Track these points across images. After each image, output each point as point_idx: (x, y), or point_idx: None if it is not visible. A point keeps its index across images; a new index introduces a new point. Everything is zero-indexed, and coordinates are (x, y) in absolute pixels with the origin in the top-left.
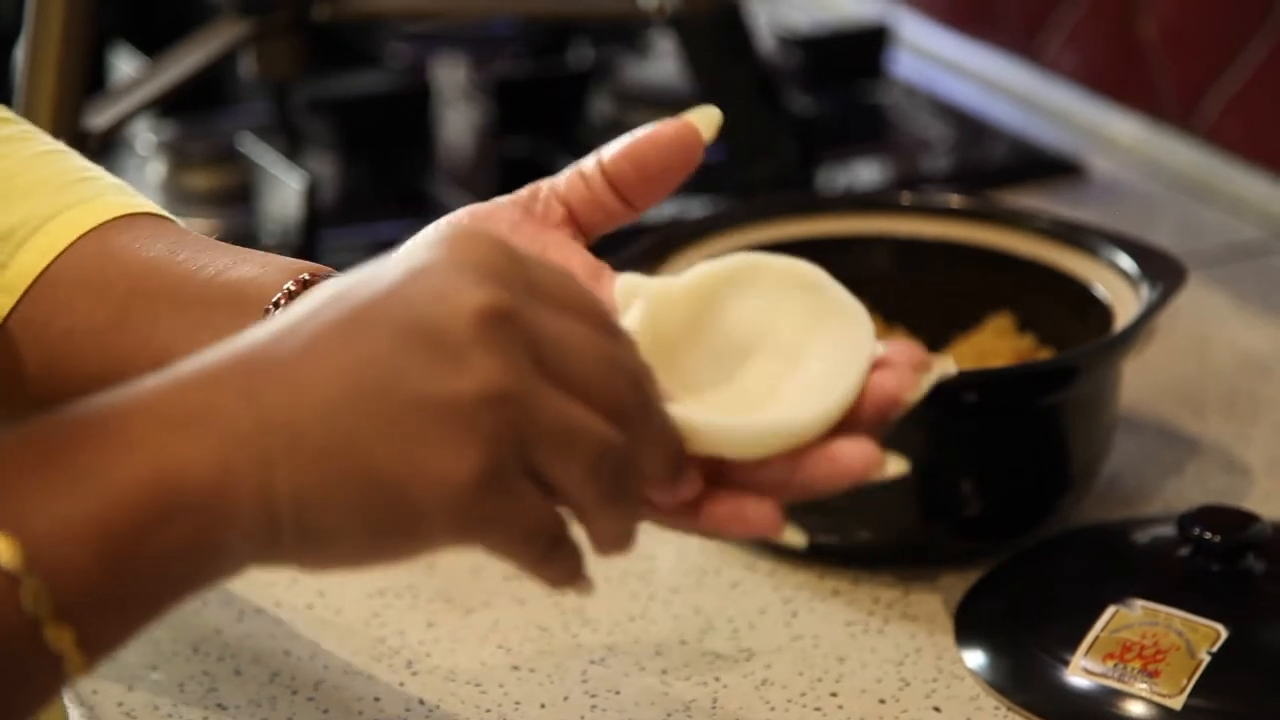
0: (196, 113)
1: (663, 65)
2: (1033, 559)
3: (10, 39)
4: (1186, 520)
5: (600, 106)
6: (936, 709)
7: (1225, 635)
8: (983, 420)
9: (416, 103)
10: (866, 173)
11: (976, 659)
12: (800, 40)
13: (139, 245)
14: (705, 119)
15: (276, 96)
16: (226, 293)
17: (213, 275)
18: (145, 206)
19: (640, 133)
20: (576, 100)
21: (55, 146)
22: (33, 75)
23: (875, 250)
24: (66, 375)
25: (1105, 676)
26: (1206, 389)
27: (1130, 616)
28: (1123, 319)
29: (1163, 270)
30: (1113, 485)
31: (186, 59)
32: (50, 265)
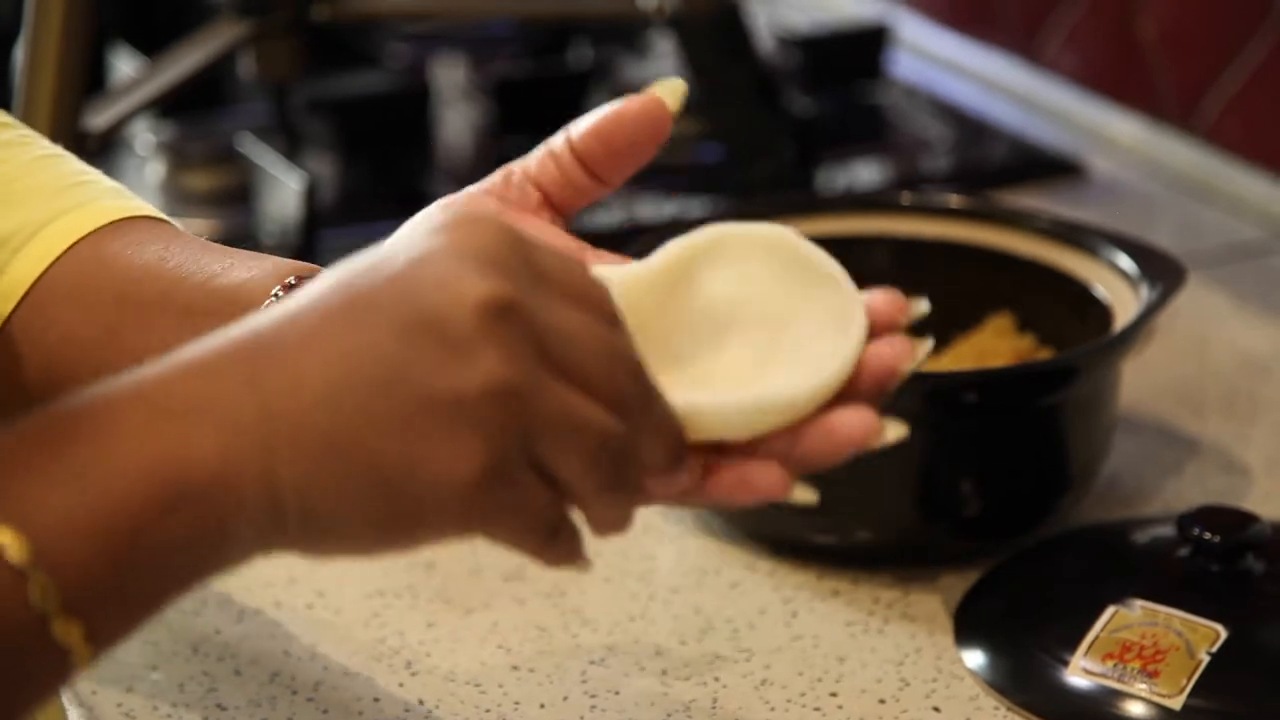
0: (196, 113)
1: (662, 66)
2: (1032, 559)
3: (10, 39)
4: (1186, 520)
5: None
6: (936, 709)
7: (1225, 635)
8: (982, 420)
9: (416, 103)
10: (866, 173)
11: (976, 659)
12: (800, 40)
13: (131, 253)
14: (670, 90)
15: (276, 97)
16: (216, 301)
17: (203, 282)
18: (141, 210)
19: (607, 110)
20: (575, 100)
21: (53, 150)
22: (32, 75)
23: (875, 250)
24: (64, 383)
25: (1105, 677)
26: (1206, 389)
27: (1130, 617)
28: (1122, 319)
29: (1162, 270)
30: (1112, 485)
31: (186, 59)
32: (44, 273)
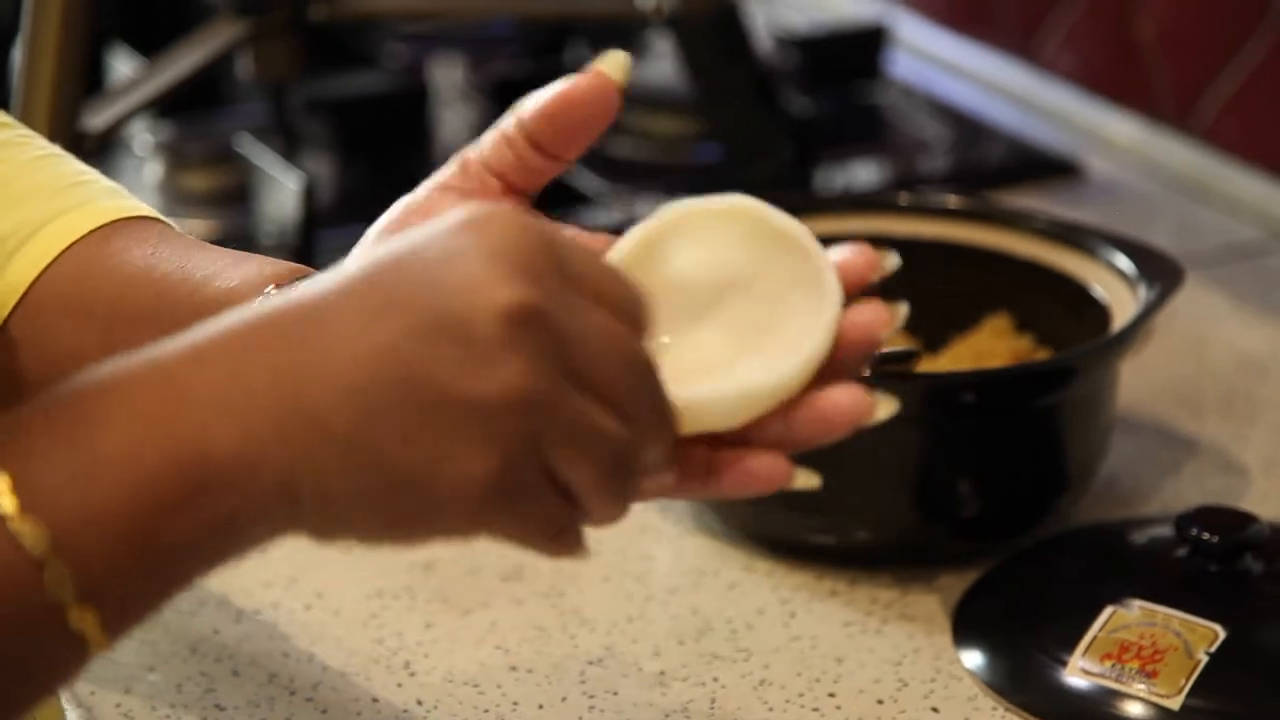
0: (194, 113)
1: (660, 66)
2: (1030, 559)
3: (8, 39)
4: (1184, 521)
5: None
6: (934, 709)
7: (1223, 635)
8: (980, 421)
9: (414, 103)
10: (864, 173)
11: (974, 659)
12: (798, 40)
13: (126, 256)
14: (614, 64)
15: (274, 97)
16: (207, 310)
17: (194, 289)
18: (137, 210)
19: (554, 91)
20: None
21: (51, 150)
22: (30, 75)
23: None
24: None
25: (1103, 677)
26: (1204, 389)
27: (1128, 617)
28: (1120, 319)
29: (1160, 270)
30: (1110, 486)
31: (184, 59)
32: (40, 277)
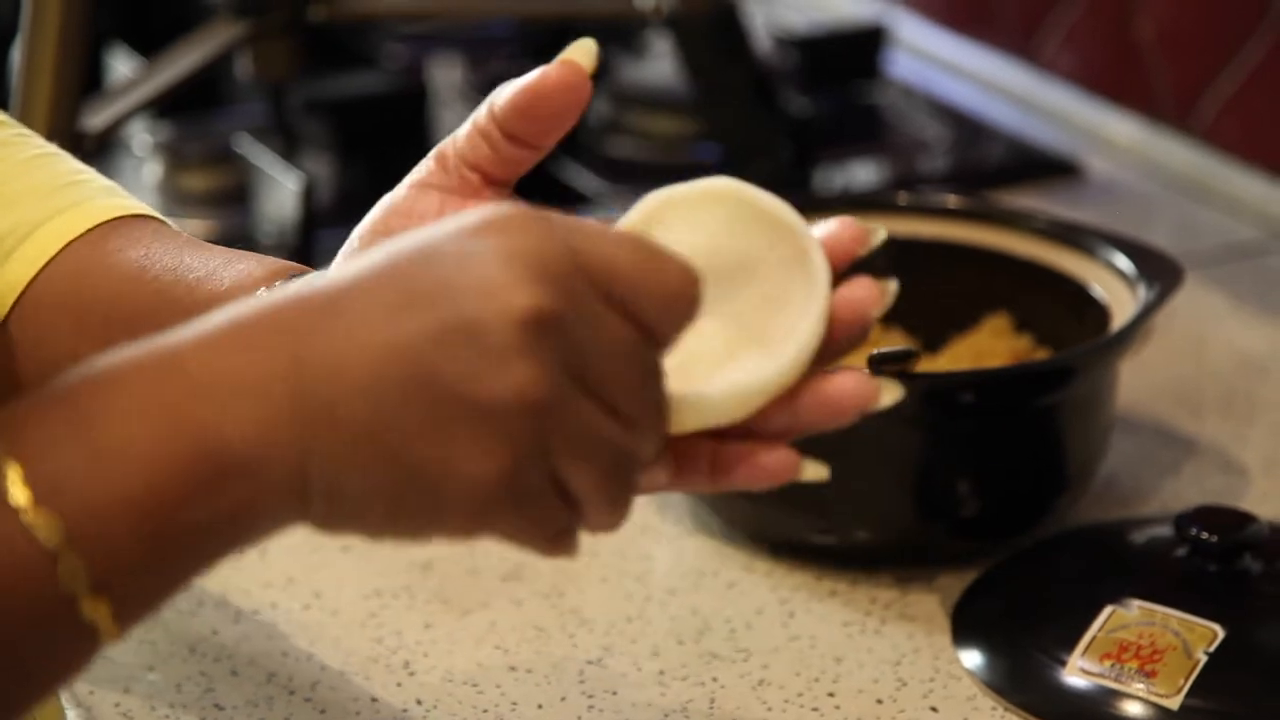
0: (193, 113)
1: (659, 66)
2: (1030, 559)
3: (7, 39)
4: (1183, 520)
5: (597, 107)
6: (933, 709)
7: (1222, 635)
8: (980, 420)
9: (413, 103)
10: (863, 173)
11: (974, 659)
12: (797, 40)
13: (123, 255)
14: (582, 52)
15: (273, 97)
16: (202, 311)
17: (189, 289)
18: (134, 208)
19: (524, 83)
20: None
21: (48, 149)
22: (29, 76)
23: (872, 250)
24: None
25: (1102, 677)
26: (1203, 389)
27: (1127, 616)
28: (1120, 319)
29: (1160, 270)
30: (1110, 485)
31: (183, 60)
32: (37, 276)
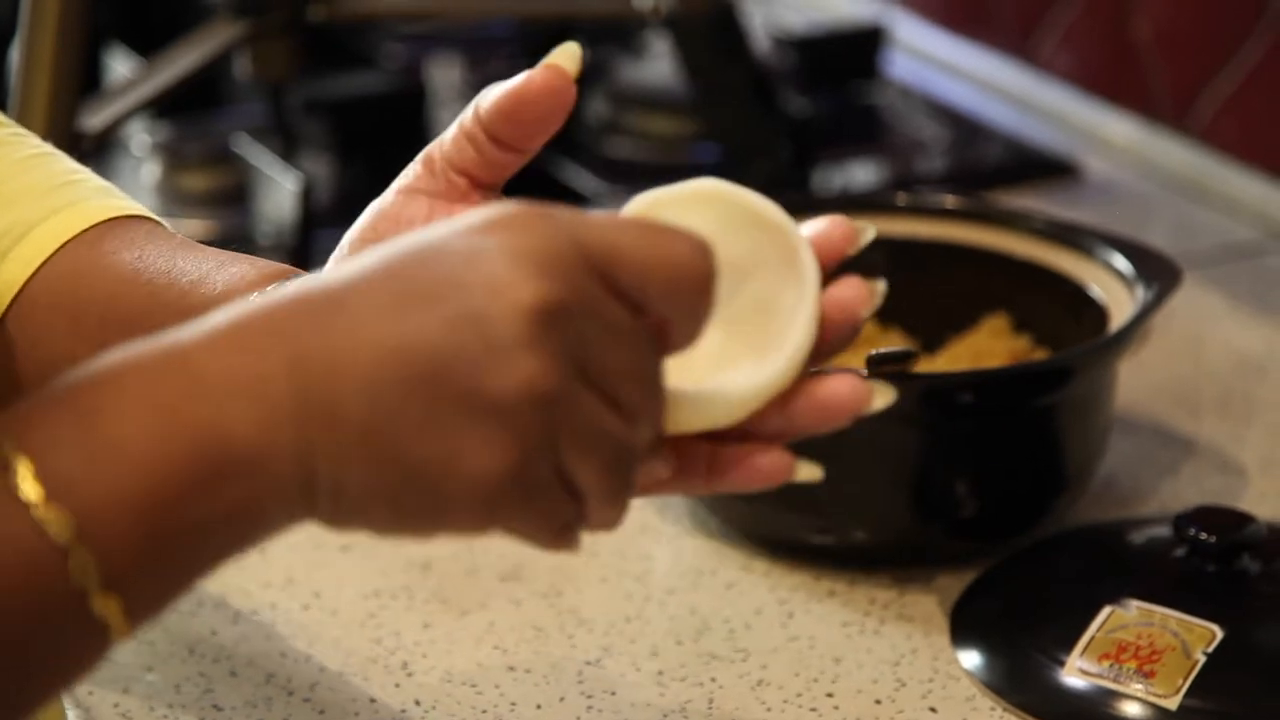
0: (192, 114)
1: (658, 66)
2: (1028, 559)
3: (6, 39)
4: (1182, 521)
5: (596, 107)
6: (932, 709)
7: (1221, 636)
8: (978, 421)
9: (412, 103)
10: (862, 173)
11: (972, 659)
12: (795, 41)
13: (117, 257)
14: (567, 56)
15: (272, 97)
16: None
17: (183, 292)
18: (130, 209)
19: (509, 87)
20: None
21: (43, 149)
22: (28, 75)
23: (870, 251)
24: None
25: (1101, 677)
26: (1201, 389)
27: (1126, 617)
28: (1118, 319)
29: (1158, 271)
30: (1108, 486)
31: (182, 60)
32: (33, 277)
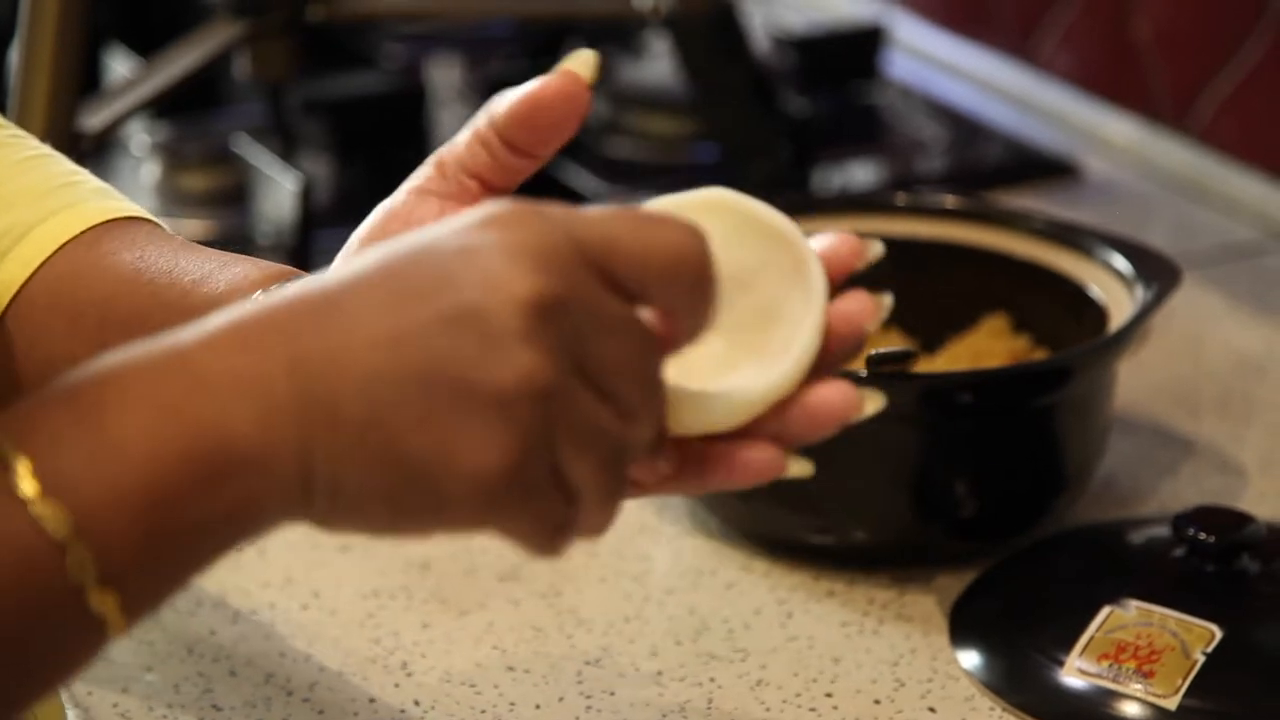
0: (191, 114)
1: (658, 66)
2: (1028, 559)
3: (5, 39)
4: (1181, 521)
5: (596, 107)
6: (931, 709)
7: (1220, 636)
8: (978, 421)
9: (411, 104)
10: (861, 173)
11: (971, 659)
12: (795, 41)
13: (113, 259)
14: (582, 63)
15: (271, 97)
16: (197, 315)
17: (183, 293)
18: (128, 210)
19: (524, 93)
20: None
21: (41, 150)
22: (27, 76)
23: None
24: None
25: (1100, 677)
26: (1201, 389)
27: (1125, 617)
28: (1117, 319)
29: (1157, 271)
30: (1108, 486)
31: (181, 60)
32: (31, 278)
